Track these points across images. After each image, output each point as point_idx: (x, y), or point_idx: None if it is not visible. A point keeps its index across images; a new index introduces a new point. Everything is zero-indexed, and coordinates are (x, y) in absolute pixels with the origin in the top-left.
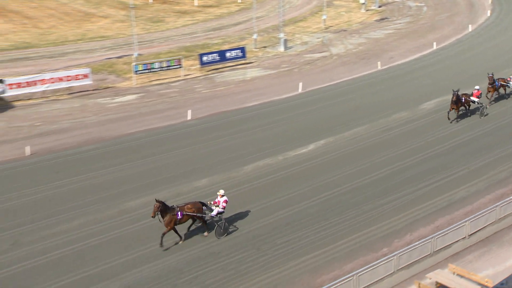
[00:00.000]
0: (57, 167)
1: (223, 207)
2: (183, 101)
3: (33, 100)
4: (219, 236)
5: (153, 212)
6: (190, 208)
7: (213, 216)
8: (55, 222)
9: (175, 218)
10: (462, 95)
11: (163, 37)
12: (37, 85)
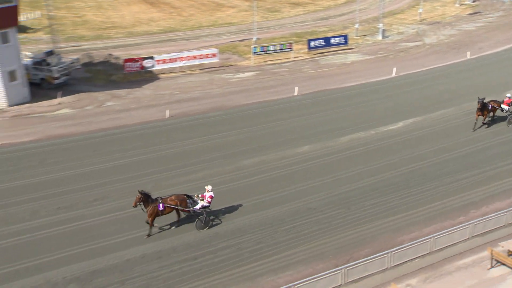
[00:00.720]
0: (189, 128)
1: (208, 202)
2: (291, 79)
3: (173, 73)
4: (200, 229)
5: (134, 202)
6: (172, 200)
7: (195, 209)
8: (187, 171)
9: (157, 209)
10: (490, 102)
11: (278, 24)
12: (177, 62)
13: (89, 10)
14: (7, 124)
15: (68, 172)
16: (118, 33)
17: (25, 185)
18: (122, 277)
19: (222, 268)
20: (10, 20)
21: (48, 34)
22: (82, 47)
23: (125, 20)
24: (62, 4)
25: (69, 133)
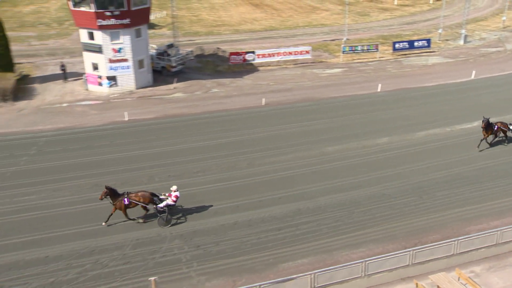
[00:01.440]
0: (282, 115)
1: (173, 201)
2: (375, 77)
3: (271, 66)
4: (161, 226)
5: (101, 196)
6: (137, 196)
7: (159, 207)
8: (277, 153)
9: (122, 203)
10: (497, 123)
11: (367, 27)
12: (275, 56)
13: (204, 10)
14: (134, 104)
15: (178, 146)
16: (226, 30)
17: (145, 155)
18: (217, 239)
19: (302, 240)
20: (143, 19)
21: (170, 30)
22: (196, 41)
23: (233, 19)
24: (183, 5)
25: (181, 113)
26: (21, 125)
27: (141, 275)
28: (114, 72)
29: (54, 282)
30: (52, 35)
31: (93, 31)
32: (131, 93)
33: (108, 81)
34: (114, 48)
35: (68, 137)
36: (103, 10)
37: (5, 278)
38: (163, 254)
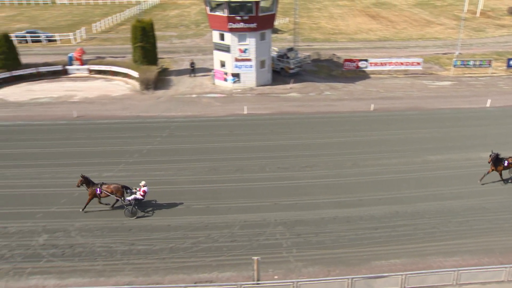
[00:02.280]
0: (388, 121)
1: (141, 195)
2: (485, 92)
3: (382, 75)
4: (128, 217)
5: (77, 183)
6: (108, 187)
7: (128, 200)
8: (381, 157)
9: (94, 192)
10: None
11: (481, 43)
12: (386, 65)
13: (323, 19)
14: (253, 99)
15: (290, 141)
16: (342, 38)
17: (259, 146)
18: (317, 230)
19: (397, 241)
20: (268, 24)
21: (291, 35)
22: (313, 47)
23: (350, 28)
24: (304, 14)
25: (295, 111)
26: (158, 110)
27: (245, 253)
28: (238, 70)
29: (173, 247)
30: (189, 35)
31: (224, 32)
32: (251, 90)
33: (233, 78)
34: (241, 48)
35: (194, 124)
36: (234, 15)
37: (137, 237)
38: (266, 237)
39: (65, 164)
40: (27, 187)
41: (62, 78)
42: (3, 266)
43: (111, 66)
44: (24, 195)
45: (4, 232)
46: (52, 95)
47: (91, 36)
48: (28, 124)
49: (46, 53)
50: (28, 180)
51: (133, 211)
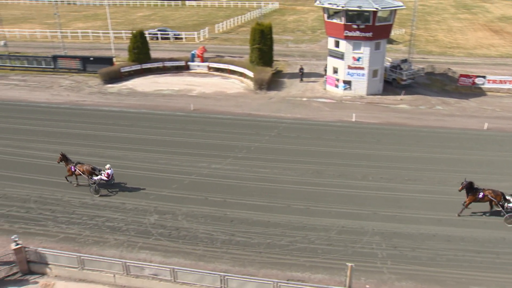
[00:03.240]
0: (503, 142)
1: (105, 176)
2: None
3: (500, 93)
4: (92, 194)
5: (57, 160)
6: (80, 166)
7: (93, 179)
8: (490, 178)
9: (70, 168)
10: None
11: None
12: (506, 84)
13: (441, 32)
14: (362, 107)
15: (395, 152)
16: (460, 53)
17: (365, 154)
18: (414, 245)
19: (501, 269)
20: (384, 34)
21: (406, 47)
22: (428, 59)
23: (469, 42)
24: (421, 25)
25: (403, 123)
26: (268, 110)
27: (340, 258)
28: (350, 77)
29: (270, 243)
30: (305, 40)
31: (339, 40)
32: (361, 98)
33: (344, 84)
34: (354, 56)
35: (302, 126)
36: (351, 23)
37: (237, 229)
38: (362, 245)
39: (179, 152)
40: (144, 170)
41: (184, 73)
42: (119, 237)
43: (228, 65)
44: (141, 177)
45: (122, 207)
46: (173, 88)
47: (213, 36)
48: (151, 113)
49: (172, 49)
50: (146, 164)
51: (96, 189)
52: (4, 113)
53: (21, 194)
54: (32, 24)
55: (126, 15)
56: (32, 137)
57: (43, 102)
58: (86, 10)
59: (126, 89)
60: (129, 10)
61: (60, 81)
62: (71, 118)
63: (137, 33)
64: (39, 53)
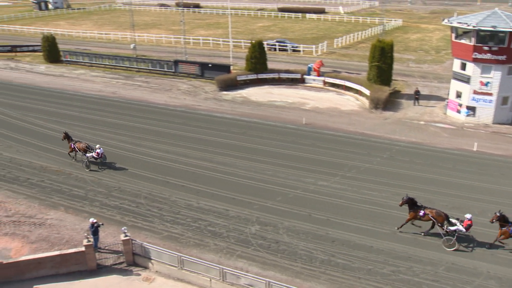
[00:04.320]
0: None
1: (95, 154)
2: None
3: None
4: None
5: (62, 138)
6: (78, 144)
7: (86, 156)
8: None
9: (70, 146)
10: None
11: None
12: None
13: None
14: (486, 137)
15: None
16: None
17: (487, 188)
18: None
19: None
20: None
21: None
22: None
23: None
24: None
25: None
26: (382, 131)
27: None
28: (475, 103)
29: (371, 270)
30: (427, 60)
31: (466, 62)
32: (485, 126)
33: (467, 110)
34: (482, 81)
35: (417, 151)
36: (481, 44)
37: (338, 250)
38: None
39: (286, 165)
40: (250, 179)
41: (299, 85)
42: (219, 243)
43: (345, 81)
44: (246, 186)
45: (225, 214)
46: (287, 100)
47: (331, 50)
48: (263, 123)
49: (289, 61)
50: (252, 173)
51: (87, 164)
52: (126, 111)
53: (134, 189)
54: (159, 30)
55: (246, 25)
56: (147, 135)
57: (161, 104)
58: (209, 18)
59: (240, 97)
60: (250, 20)
61: (178, 84)
62: (186, 121)
63: (256, 43)
64: (162, 57)
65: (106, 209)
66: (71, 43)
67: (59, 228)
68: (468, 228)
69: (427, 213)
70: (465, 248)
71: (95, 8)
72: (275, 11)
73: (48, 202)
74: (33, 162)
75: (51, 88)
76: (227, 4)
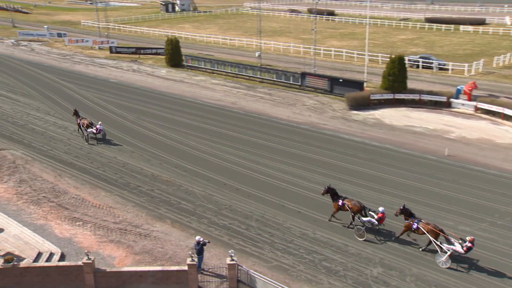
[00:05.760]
0: None
1: (94, 129)
2: None
3: None
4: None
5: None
6: (83, 121)
7: (87, 131)
8: None
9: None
10: (346, 199)
11: None
12: None
13: None
14: None
15: None
16: None
17: None
18: None
19: None
20: None
21: None
22: None
23: None
24: None
25: None
26: None
27: None
28: None
29: None
30: None
31: None
32: None
33: None
34: None
35: None
36: None
37: None
38: None
39: (421, 201)
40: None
41: (443, 110)
42: (335, 282)
43: (503, 108)
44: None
45: (344, 249)
46: (427, 126)
47: (488, 70)
48: (396, 150)
49: (433, 81)
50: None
51: (86, 138)
52: (245, 123)
53: (245, 210)
54: (287, 38)
55: (386, 37)
56: (265, 152)
57: (284, 119)
58: (344, 27)
59: (373, 118)
60: (390, 32)
61: (304, 99)
62: (308, 141)
63: (395, 58)
64: (288, 68)
65: (214, 228)
66: (193, 47)
67: (163, 242)
68: (380, 221)
69: (345, 203)
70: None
71: (221, 12)
72: (421, 21)
73: (156, 213)
74: (144, 169)
75: (169, 93)
76: (365, 12)
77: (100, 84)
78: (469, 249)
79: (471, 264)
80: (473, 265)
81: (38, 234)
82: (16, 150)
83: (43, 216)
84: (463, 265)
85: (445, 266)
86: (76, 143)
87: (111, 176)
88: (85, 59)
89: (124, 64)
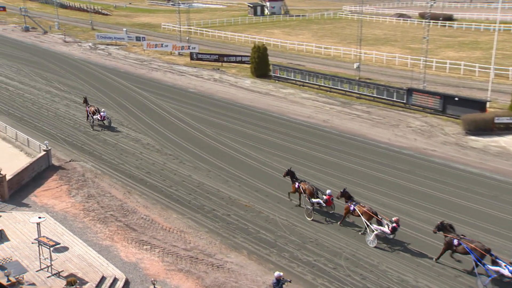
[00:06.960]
0: None
1: (99, 117)
2: None
3: None
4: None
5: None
6: (91, 108)
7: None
8: None
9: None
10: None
11: None
12: None
13: None
14: None
15: None
16: None
17: None
18: None
19: None
20: None
21: None
22: None
23: None
24: None
25: None
26: None
27: None
28: None
29: None
30: None
31: None
32: None
33: None
34: None
35: None
36: None
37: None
38: None
39: None
40: None
41: None
42: None
43: None
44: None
45: None
46: None
47: None
48: None
49: None
50: None
51: (91, 124)
52: (338, 145)
53: (334, 245)
54: (392, 47)
55: None
56: (362, 181)
57: (383, 142)
58: (463, 35)
59: (496, 146)
60: None
61: (409, 120)
62: (413, 169)
63: None
64: (392, 82)
65: (296, 264)
66: (283, 56)
67: (238, 275)
68: (327, 203)
69: (300, 186)
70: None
71: (317, 16)
72: None
73: (231, 242)
74: (221, 191)
75: (253, 106)
76: (494, 16)
77: (178, 94)
78: (394, 229)
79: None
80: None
81: (103, 256)
82: (86, 162)
83: (109, 237)
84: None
85: (373, 245)
86: (149, 157)
87: (184, 197)
88: (163, 66)
89: (205, 72)
